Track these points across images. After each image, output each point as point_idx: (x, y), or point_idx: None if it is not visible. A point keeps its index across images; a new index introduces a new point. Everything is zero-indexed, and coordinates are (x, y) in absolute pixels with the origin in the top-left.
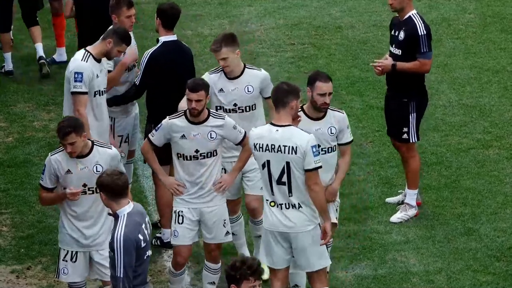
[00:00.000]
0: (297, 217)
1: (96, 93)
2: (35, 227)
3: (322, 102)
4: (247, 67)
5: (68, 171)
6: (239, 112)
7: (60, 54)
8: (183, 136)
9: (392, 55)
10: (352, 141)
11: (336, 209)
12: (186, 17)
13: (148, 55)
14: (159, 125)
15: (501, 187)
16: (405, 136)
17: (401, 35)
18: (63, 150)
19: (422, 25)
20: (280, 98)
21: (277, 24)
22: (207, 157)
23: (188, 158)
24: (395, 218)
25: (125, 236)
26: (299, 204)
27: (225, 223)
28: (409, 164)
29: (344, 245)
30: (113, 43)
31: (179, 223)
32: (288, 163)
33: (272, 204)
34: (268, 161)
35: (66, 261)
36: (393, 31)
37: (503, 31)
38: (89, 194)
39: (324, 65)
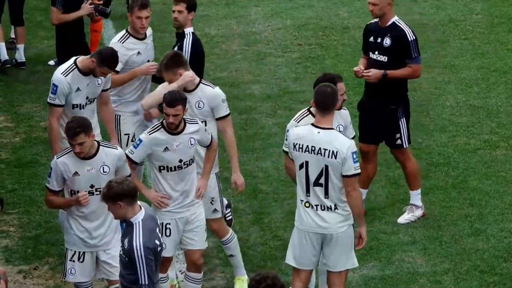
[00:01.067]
0: (331, 218)
1: (75, 106)
2: (42, 227)
3: (343, 100)
4: (202, 83)
5: (76, 173)
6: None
7: None
8: (166, 149)
9: (375, 62)
10: (355, 136)
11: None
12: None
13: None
14: (137, 141)
15: (508, 187)
16: (398, 142)
17: (387, 41)
18: (69, 152)
19: (410, 30)
20: (330, 102)
21: (284, 25)
22: (189, 165)
23: (173, 169)
24: (403, 219)
25: (145, 245)
26: (334, 205)
27: (205, 228)
28: (406, 167)
29: None
30: (96, 63)
31: (166, 235)
32: (326, 166)
33: (307, 205)
34: (307, 162)
35: (74, 261)
36: (372, 38)
37: (511, 32)
38: (96, 194)
39: (331, 66)
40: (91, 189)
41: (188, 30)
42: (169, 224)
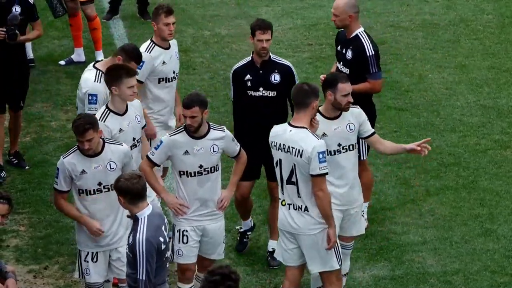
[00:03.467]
0: (301, 220)
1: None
2: (52, 226)
3: (347, 101)
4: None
5: (83, 171)
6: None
7: (78, 54)
8: (186, 152)
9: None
10: (374, 132)
11: (363, 214)
12: (203, 17)
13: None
14: (158, 143)
15: None
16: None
17: (349, 53)
18: (75, 151)
19: (370, 44)
20: (301, 99)
21: (294, 25)
22: (211, 172)
23: (192, 175)
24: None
25: (147, 240)
26: (305, 207)
27: (224, 239)
28: (362, 177)
29: (362, 246)
30: (124, 61)
31: (183, 242)
32: (294, 165)
33: (283, 203)
34: (280, 160)
35: (87, 261)
36: (339, 47)
37: None
38: (104, 192)
39: None
40: (99, 187)
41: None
42: (186, 231)
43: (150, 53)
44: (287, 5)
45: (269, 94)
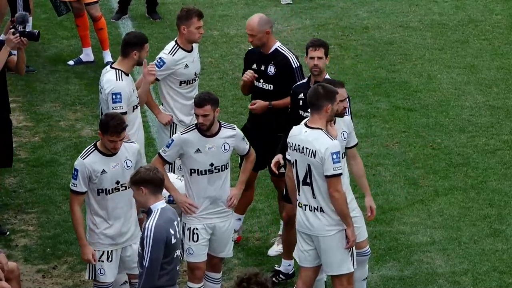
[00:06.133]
0: (317, 222)
1: (135, 107)
2: (61, 226)
3: (342, 107)
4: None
5: (103, 171)
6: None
7: (87, 54)
8: (197, 150)
9: (260, 90)
10: (357, 144)
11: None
12: (212, 18)
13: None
14: (170, 141)
15: None
16: (282, 170)
17: (271, 69)
18: (92, 151)
19: (293, 56)
20: (315, 101)
21: (303, 25)
22: (221, 171)
23: (203, 173)
24: (273, 251)
25: (157, 227)
26: (321, 208)
27: (233, 237)
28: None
29: (370, 246)
30: (138, 52)
31: (194, 241)
32: (309, 165)
33: (300, 204)
34: (296, 161)
35: (102, 261)
36: (254, 65)
37: None
38: (122, 190)
39: (350, 66)
40: (116, 185)
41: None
42: (196, 229)
43: (173, 55)
44: (296, 5)
45: None
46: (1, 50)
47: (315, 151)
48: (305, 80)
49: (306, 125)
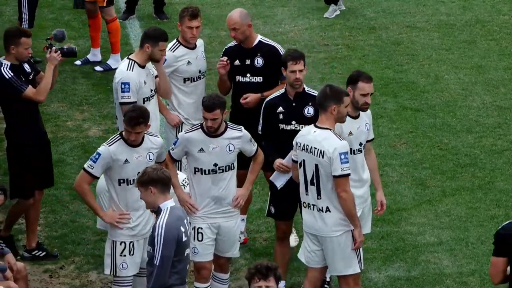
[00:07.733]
0: (324, 222)
1: (146, 99)
2: (69, 226)
3: (364, 102)
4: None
5: (126, 161)
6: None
7: (94, 55)
8: (201, 150)
9: (248, 84)
10: (373, 138)
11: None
12: (220, 18)
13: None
14: (176, 139)
15: None
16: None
17: (259, 61)
18: (118, 140)
19: (279, 45)
20: (322, 102)
21: (310, 25)
22: (225, 171)
23: (206, 172)
24: (293, 241)
25: (168, 225)
26: (327, 208)
27: (239, 237)
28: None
29: (377, 246)
30: (151, 46)
31: (199, 240)
32: (317, 165)
33: (305, 205)
34: (304, 161)
35: (125, 255)
36: (237, 61)
37: None
38: None
39: (357, 66)
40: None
41: None
42: (201, 228)
43: (173, 52)
44: (303, 5)
45: (302, 128)
46: (46, 70)
47: (324, 151)
48: (279, 94)
49: (315, 125)
